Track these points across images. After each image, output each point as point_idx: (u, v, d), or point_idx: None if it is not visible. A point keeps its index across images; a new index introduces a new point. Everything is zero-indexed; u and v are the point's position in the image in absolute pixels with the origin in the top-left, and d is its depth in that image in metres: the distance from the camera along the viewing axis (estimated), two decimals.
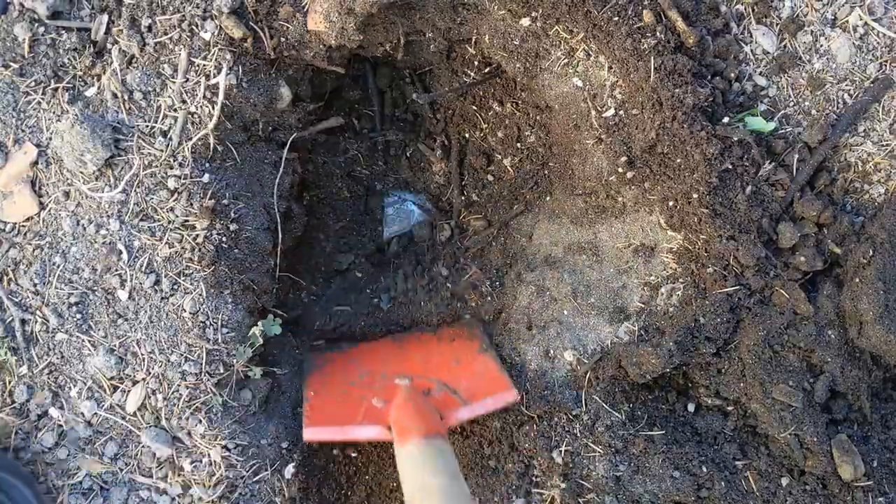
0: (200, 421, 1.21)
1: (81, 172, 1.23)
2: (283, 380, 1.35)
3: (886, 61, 1.24)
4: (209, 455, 1.21)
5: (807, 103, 1.27)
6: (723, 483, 1.19)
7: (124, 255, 1.22)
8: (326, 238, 1.65)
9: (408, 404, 1.21)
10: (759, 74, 1.28)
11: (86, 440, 1.21)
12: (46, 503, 1.18)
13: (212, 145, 1.24)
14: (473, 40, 1.39)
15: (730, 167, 1.21)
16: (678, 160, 1.22)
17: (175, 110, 1.23)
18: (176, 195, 1.23)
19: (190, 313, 1.21)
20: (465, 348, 1.40)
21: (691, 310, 1.22)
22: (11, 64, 1.25)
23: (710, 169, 1.19)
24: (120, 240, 1.22)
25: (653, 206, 1.33)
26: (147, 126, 1.23)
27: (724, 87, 1.26)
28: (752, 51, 1.28)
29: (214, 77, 1.23)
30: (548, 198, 1.54)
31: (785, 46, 1.28)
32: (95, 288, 1.23)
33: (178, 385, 1.20)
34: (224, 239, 1.25)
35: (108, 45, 1.25)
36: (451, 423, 1.24)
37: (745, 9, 1.28)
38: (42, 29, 1.26)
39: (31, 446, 1.21)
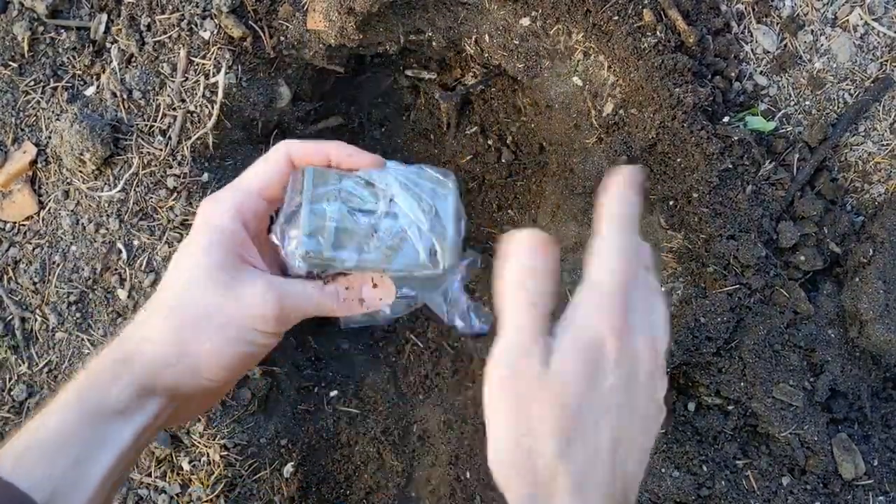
0: (199, 420, 1.21)
1: (81, 171, 1.23)
2: (282, 379, 1.35)
3: (887, 61, 1.24)
4: (208, 454, 1.21)
5: (807, 103, 1.27)
6: (723, 482, 1.19)
7: (124, 254, 1.22)
8: None
9: None
10: (760, 74, 1.28)
11: None
12: None
13: (211, 144, 1.24)
14: (474, 39, 1.39)
15: (730, 166, 1.20)
16: (678, 159, 1.22)
17: (174, 109, 1.23)
18: (175, 194, 1.22)
19: None
20: None
21: (691, 309, 1.22)
22: (11, 63, 1.25)
23: (710, 168, 1.18)
24: (119, 239, 1.22)
25: (653, 205, 1.33)
26: (146, 125, 1.23)
27: (724, 87, 1.26)
28: (752, 50, 1.28)
29: (214, 76, 1.23)
30: (551, 197, 1.54)
31: (785, 46, 1.28)
32: (95, 287, 1.23)
33: None
34: None
35: (108, 44, 1.25)
36: None
37: (746, 8, 1.28)
38: (41, 28, 1.26)
39: None
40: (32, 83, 1.26)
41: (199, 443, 1.21)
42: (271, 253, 0.60)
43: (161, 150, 1.22)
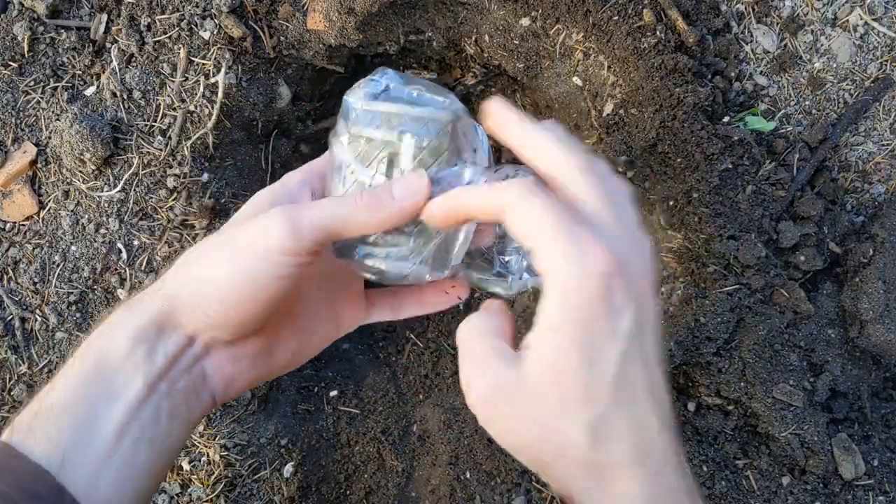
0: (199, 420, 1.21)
1: (81, 171, 1.23)
2: (282, 379, 1.35)
3: (887, 61, 1.24)
4: (208, 454, 1.21)
5: (807, 103, 1.27)
6: (723, 482, 1.19)
7: (124, 254, 1.22)
8: None
9: None
10: (760, 74, 1.28)
11: None
12: None
13: (211, 144, 1.24)
14: (474, 39, 1.39)
15: (730, 166, 1.20)
16: (678, 159, 1.22)
17: (174, 109, 1.23)
18: (175, 194, 1.22)
19: None
20: None
21: (691, 309, 1.22)
22: (11, 63, 1.25)
23: (710, 168, 1.18)
24: (119, 239, 1.22)
25: (653, 205, 1.33)
26: (146, 125, 1.23)
27: (724, 87, 1.26)
28: (752, 50, 1.28)
29: (214, 76, 1.23)
30: None
31: (785, 46, 1.28)
32: (95, 287, 1.23)
33: None
34: None
35: (108, 44, 1.25)
36: None
37: (746, 8, 1.28)
38: (41, 28, 1.26)
39: None
40: (32, 83, 1.26)
41: (199, 443, 1.21)
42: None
43: (161, 150, 1.22)
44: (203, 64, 1.23)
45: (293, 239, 0.47)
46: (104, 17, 1.25)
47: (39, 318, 1.23)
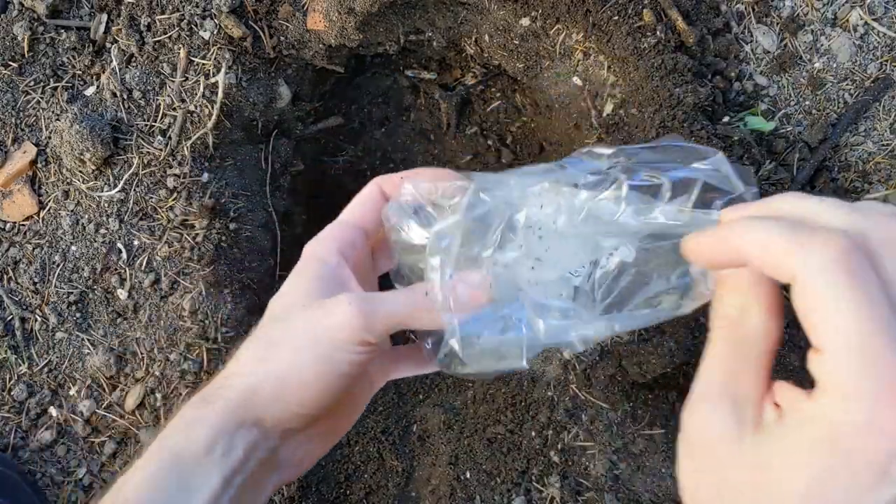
0: None
1: (81, 171, 1.23)
2: None
3: (887, 61, 1.24)
4: None
5: (807, 103, 1.27)
6: None
7: (124, 255, 1.22)
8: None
9: None
10: (760, 74, 1.28)
11: (84, 438, 1.21)
12: (48, 500, 1.18)
13: (211, 144, 1.24)
14: (474, 39, 1.39)
15: None
16: None
17: (174, 109, 1.23)
18: (175, 194, 1.23)
19: (189, 312, 1.21)
20: None
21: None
22: (11, 63, 1.26)
23: None
24: (119, 239, 1.22)
25: None
26: (146, 125, 1.23)
27: (724, 87, 1.26)
28: (752, 50, 1.28)
29: (214, 76, 1.23)
30: None
31: (785, 46, 1.28)
32: (95, 287, 1.23)
33: (178, 384, 1.20)
34: (223, 238, 1.25)
35: (108, 44, 1.26)
36: None
37: (746, 8, 1.28)
38: (41, 28, 1.26)
39: (29, 444, 1.21)
40: (32, 83, 1.26)
41: None
42: (371, 281, 0.59)
43: (161, 150, 1.22)
44: (203, 64, 1.23)
45: (368, 332, 0.49)
46: (104, 17, 1.26)
47: (39, 318, 1.23)
